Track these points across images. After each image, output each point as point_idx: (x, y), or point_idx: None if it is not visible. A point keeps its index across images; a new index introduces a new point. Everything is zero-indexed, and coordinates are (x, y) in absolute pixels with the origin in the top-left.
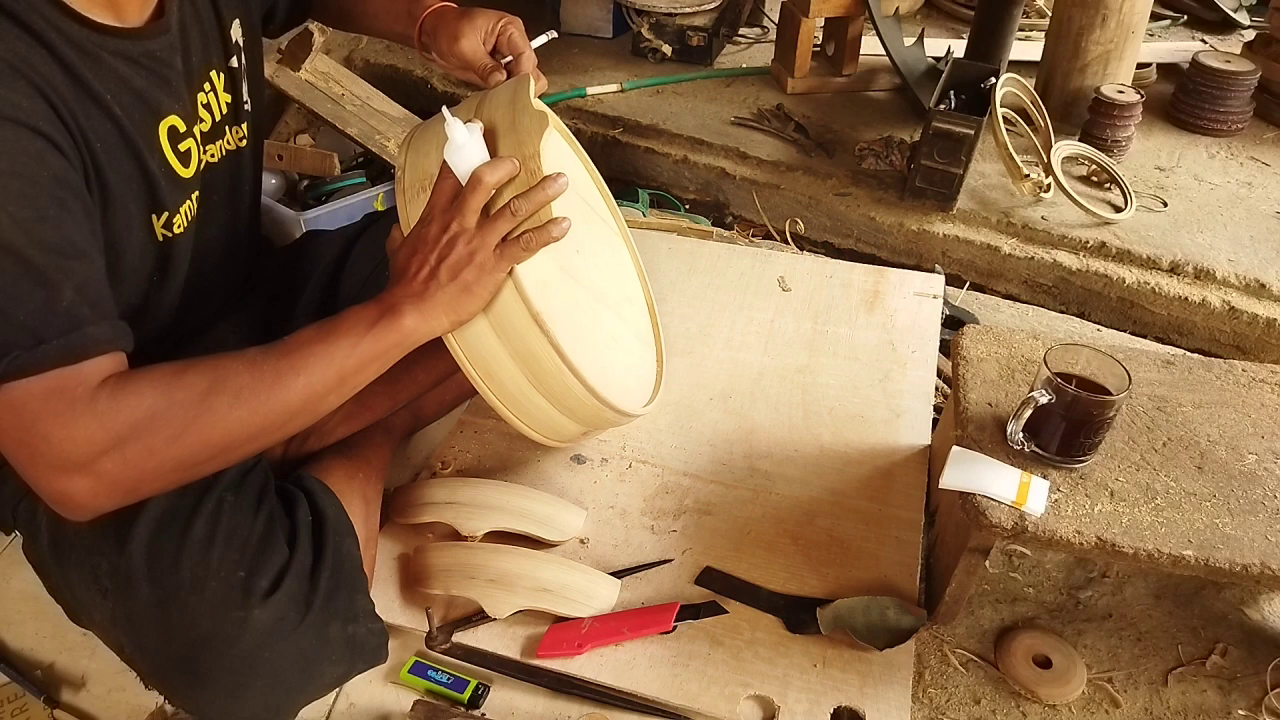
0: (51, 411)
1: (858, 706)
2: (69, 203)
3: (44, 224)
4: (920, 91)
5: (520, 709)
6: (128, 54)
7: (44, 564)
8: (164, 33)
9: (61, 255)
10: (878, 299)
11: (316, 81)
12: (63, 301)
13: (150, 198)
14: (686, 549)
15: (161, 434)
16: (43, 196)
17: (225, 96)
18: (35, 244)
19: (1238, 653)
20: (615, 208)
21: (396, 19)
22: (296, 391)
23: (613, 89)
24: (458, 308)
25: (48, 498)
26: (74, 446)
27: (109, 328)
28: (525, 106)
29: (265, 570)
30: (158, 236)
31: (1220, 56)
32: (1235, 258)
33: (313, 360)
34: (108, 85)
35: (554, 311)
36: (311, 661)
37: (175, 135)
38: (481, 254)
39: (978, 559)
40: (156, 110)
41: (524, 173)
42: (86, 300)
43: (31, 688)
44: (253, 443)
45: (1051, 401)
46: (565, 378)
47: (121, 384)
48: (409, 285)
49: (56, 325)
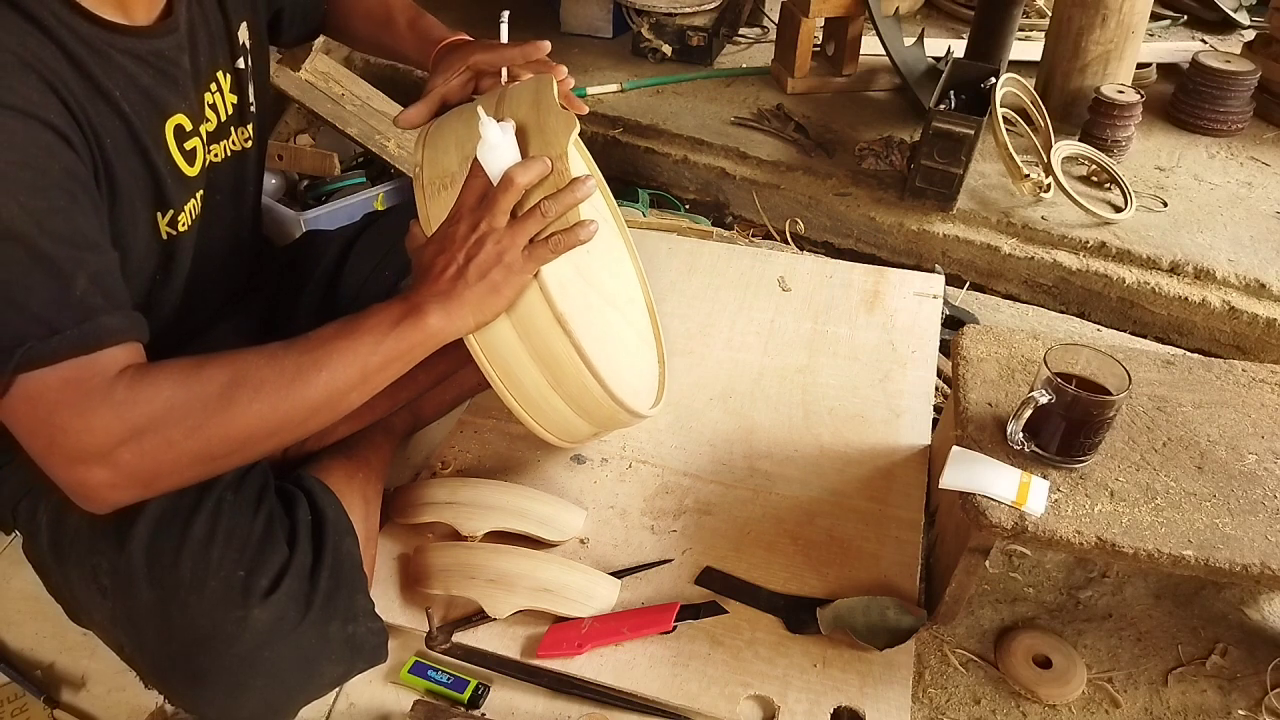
0: (68, 402)
1: (858, 706)
2: (79, 196)
3: (55, 215)
4: (920, 91)
5: (520, 709)
6: (136, 52)
7: (44, 563)
8: (172, 32)
9: (74, 246)
10: (878, 299)
11: (316, 81)
12: (76, 291)
13: (156, 195)
14: (686, 549)
15: (180, 426)
16: (53, 189)
17: (231, 97)
18: (47, 234)
19: (1238, 653)
20: (615, 206)
21: (409, 47)
22: (318, 388)
23: (613, 89)
24: (483, 308)
25: (65, 488)
26: (91, 437)
27: (124, 318)
28: (551, 106)
29: (265, 570)
30: (162, 235)
31: (1220, 56)
32: (1235, 258)
33: (336, 357)
34: (116, 82)
35: (574, 313)
36: (311, 661)
37: (181, 134)
38: (510, 254)
39: (978, 559)
40: (163, 109)
41: (553, 174)
42: (101, 290)
43: (31, 688)
44: (272, 439)
45: (1051, 401)
46: (585, 379)
47: (140, 376)
48: (435, 284)
49: (71, 315)
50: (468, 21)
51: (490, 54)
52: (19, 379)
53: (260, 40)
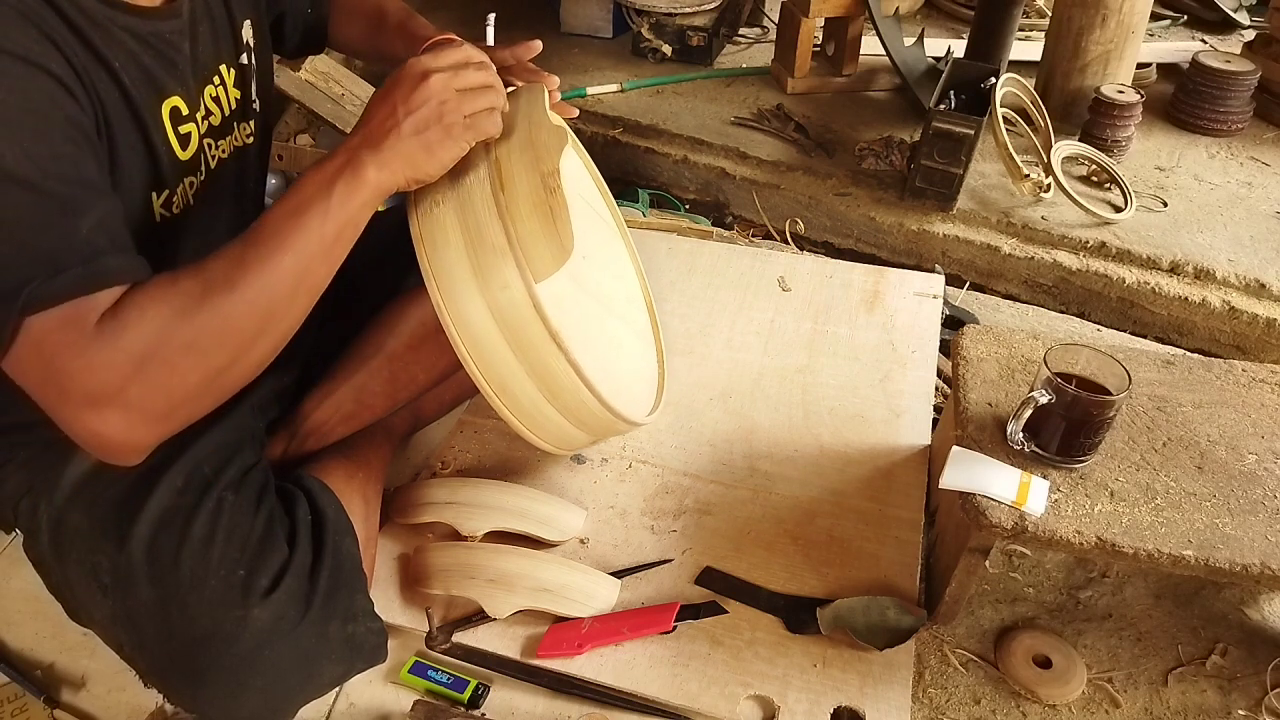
0: (67, 343)
1: (858, 706)
2: (81, 143)
3: (60, 160)
4: (920, 91)
5: (520, 709)
6: (136, 31)
7: (44, 561)
8: (174, 16)
9: (79, 187)
10: (878, 299)
11: (316, 81)
12: (81, 232)
13: (152, 173)
14: (686, 549)
15: (175, 343)
16: (56, 133)
17: (235, 92)
18: (52, 177)
19: (1238, 653)
20: (614, 205)
21: (398, 47)
22: (286, 269)
23: (613, 89)
24: (416, 164)
25: (86, 443)
26: (93, 376)
27: (128, 259)
28: (542, 121)
29: (265, 569)
30: (155, 216)
31: (1220, 56)
32: (1235, 258)
33: (291, 236)
34: (116, 55)
35: (569, 327)
36: (311, 660)
37: (177, 116)
38: (450, 117)
39: (978, 559)
40: (160, 89)
41: (544, 190)
42: (106, 233)
43: (31, 688)
44: (264, 336)
45: (1051, 401)
46: (580, 393)
47: (121, 305)
48: (368, 132)
49: (75, 255)
50: (463, 22)
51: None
52: (24, 322)
53: (264, 40)
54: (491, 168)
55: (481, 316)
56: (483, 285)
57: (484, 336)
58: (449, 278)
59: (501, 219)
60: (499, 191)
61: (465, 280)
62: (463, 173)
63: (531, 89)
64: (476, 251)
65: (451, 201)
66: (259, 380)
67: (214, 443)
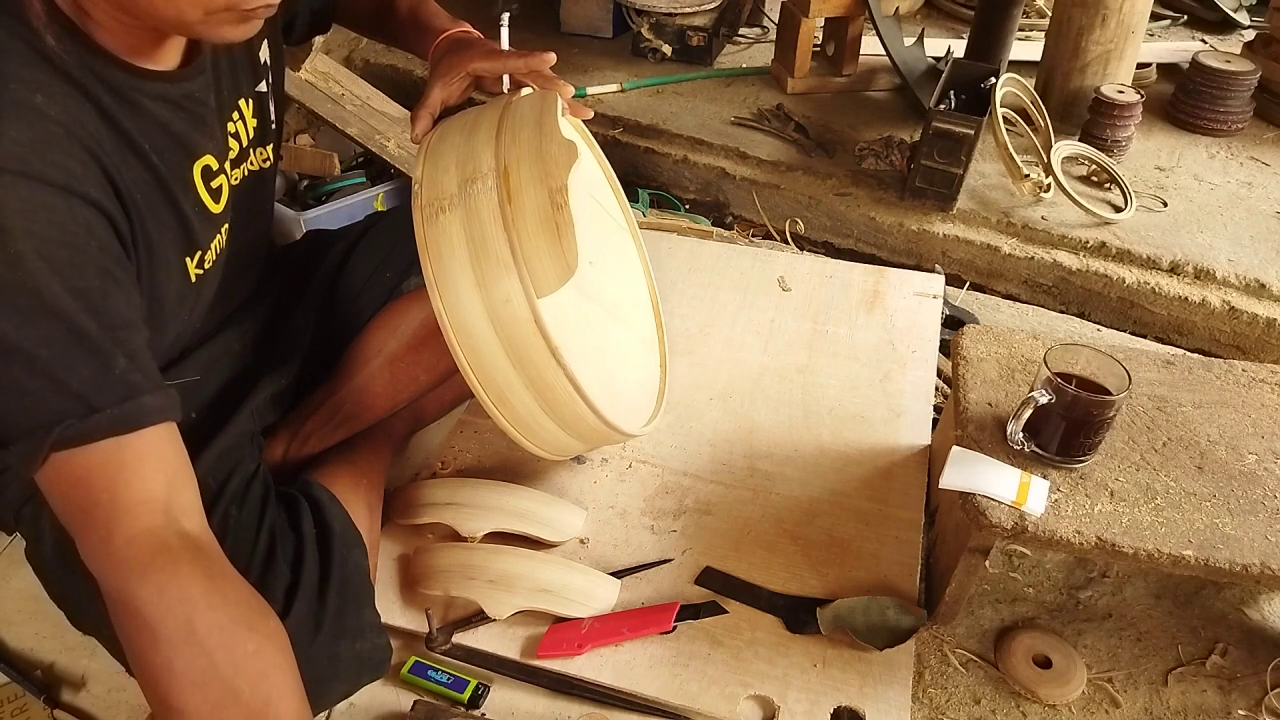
0: (105, 486)
1: (858, 706)
2: (115, 273)
3: (94, 293)
4: (920, 91)
5: (520, 709)
6: (168, 96)
7: (47, 570)
8: (200, 73)
9: (112, 324)
10: (878, 299)
11: (316, 81)
12: (116, 370)
13: (186, 241)
14: (686, 549)
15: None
16: (91, 266)
17: (253, 121)
18: (86, 312)
19: (1238, 653)
20: (626, 203)
21: (408, 35)
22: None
23: (613, 89)
24: None
25: (98, 572)
26: (131, 549)
27: (164, 397)
28: (554, 134)
29: (271, 592)
30: (191, 277)
31: (1220, 56)
32: (1235, 258)
33: None
34: (144, 133)
35: (570, 341)
36: (320, 683)
37: (209, 174)
38: None
39: (978, 559)
40: (192, 151)
41: (551, 206)
42: (139, 368)
43: (31, 688)
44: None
45: (1051, 401)
46: (578, 407)
47: (169, 579)
48: None
49: (110, 394)
50: (469, 16)
51: (491, 62)
52: (54, 457)
53: (278, 52)
54: (499, 177)
55: (482, 327)
56: (485, 297)
57: (484, 347)
58: (452, 287)
59: (507, 231)
60: (505, 203)
61: (468, 290)
62: (471, 179)
63: (546, 96)
64: (480, 262)
65: (458, 209)
66: (258, 383)
67: (217, 451)
